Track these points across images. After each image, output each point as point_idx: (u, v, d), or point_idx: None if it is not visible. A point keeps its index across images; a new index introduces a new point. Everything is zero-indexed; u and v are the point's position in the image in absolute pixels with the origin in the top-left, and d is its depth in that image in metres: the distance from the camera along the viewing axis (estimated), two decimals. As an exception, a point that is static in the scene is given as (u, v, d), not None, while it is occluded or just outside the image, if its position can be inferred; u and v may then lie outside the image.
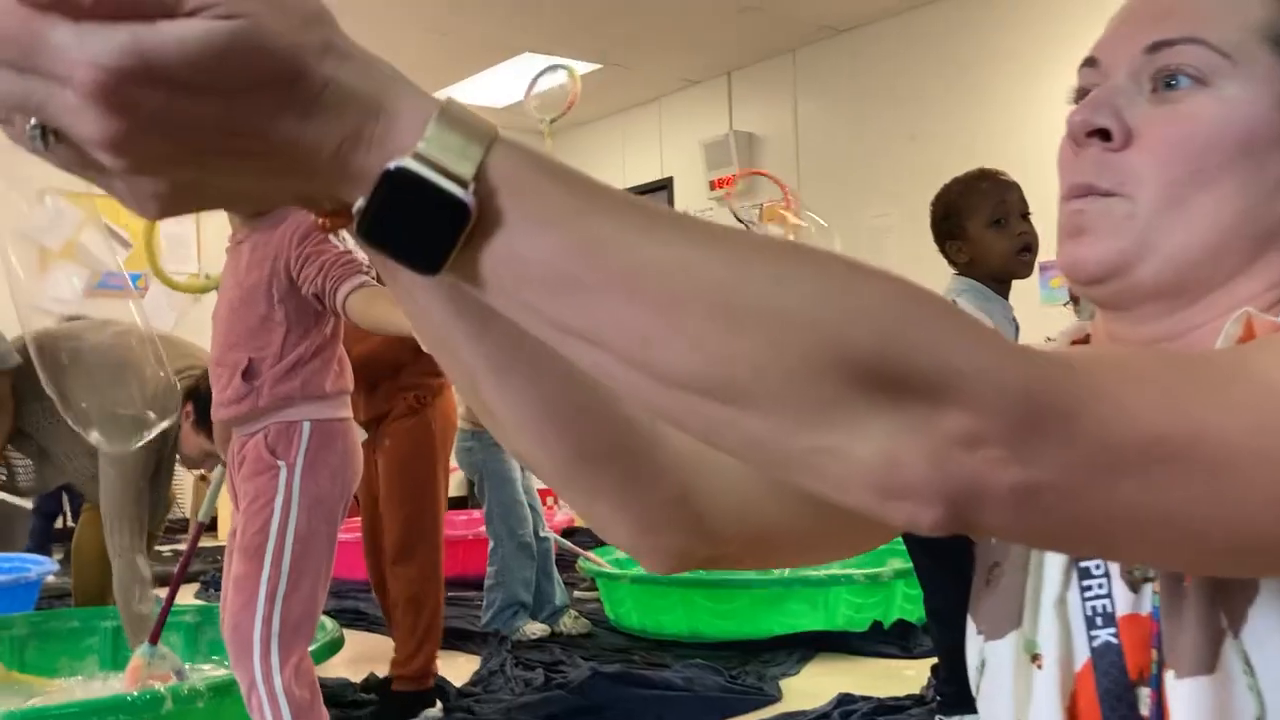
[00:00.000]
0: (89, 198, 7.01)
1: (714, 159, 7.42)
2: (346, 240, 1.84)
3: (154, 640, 2.55)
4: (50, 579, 4.50)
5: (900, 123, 6.43)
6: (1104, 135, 0.62)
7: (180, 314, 7.30)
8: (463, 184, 0.40)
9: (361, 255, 1.82)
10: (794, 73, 7.09)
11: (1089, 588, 0.61)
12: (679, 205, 7.87)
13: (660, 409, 0.43)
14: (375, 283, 1.81)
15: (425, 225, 0.40)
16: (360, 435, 2.06)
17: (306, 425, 1.86)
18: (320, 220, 0.44)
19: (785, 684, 3.02)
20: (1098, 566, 0.61)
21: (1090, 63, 0.66)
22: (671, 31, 6.67)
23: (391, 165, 0.40)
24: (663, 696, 2.83)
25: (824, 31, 6.74)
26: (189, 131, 0.38)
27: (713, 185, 7.49)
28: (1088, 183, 0.63)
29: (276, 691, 1.78)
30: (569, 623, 3.73)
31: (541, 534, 3.79)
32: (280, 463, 1.84)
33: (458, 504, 5.32)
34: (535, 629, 3.64)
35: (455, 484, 5.26)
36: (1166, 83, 0.62)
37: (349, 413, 1.96)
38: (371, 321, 1.78)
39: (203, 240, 7.26)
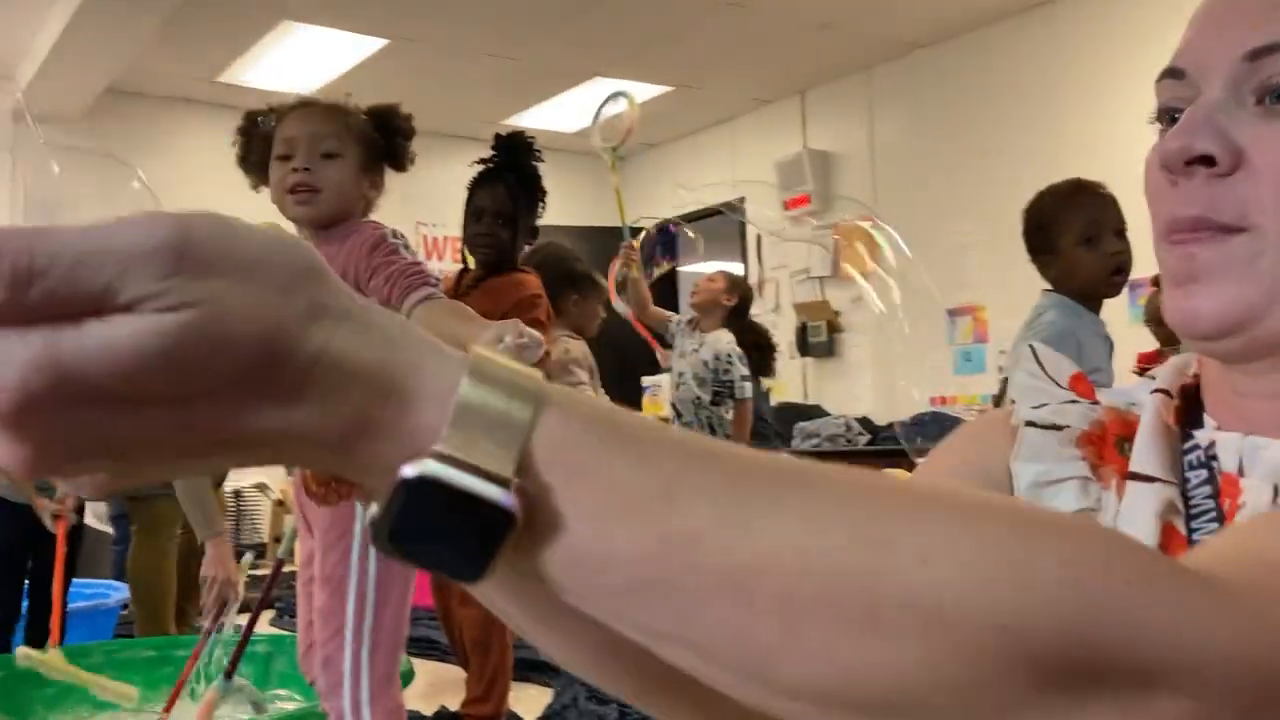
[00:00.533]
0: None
1: (787, 178, 7.33)
2: (418, 251, 1.82)
3: (229, 675, 2.52)
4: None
5: (979, 138, 6.29)
6: (1208, 162, 0.53)
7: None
8: (503, 483, 0.31)
9: (431, 268, 1.80)
10: (869, 90, 6.98)
11: None
12: (750, 226, 7.79)
13: (782, 717, 0.34)
14: (442, 295, 1.77)
15: (458, 535, 0.32)
16: None
17: None
18: (313, 487, 0.36)
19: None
20: None
21: (1174, 74, 0.57)
22: (743, 52, 6.61)
23: (409, 473, 0.31)
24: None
25: (900, 48, 6.62)
26: (130, 443, 0.30)
27: (786, 205, 7.39)
28: (1198, 215, 0.54)
29: None
30: None
31: None
32: (355, 488, 1.80)
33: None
34: None
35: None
36: (1278, 95, 0.52)
37: None
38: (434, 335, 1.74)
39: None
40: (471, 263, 2.86)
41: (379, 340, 0.32)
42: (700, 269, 5.72)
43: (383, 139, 1.91)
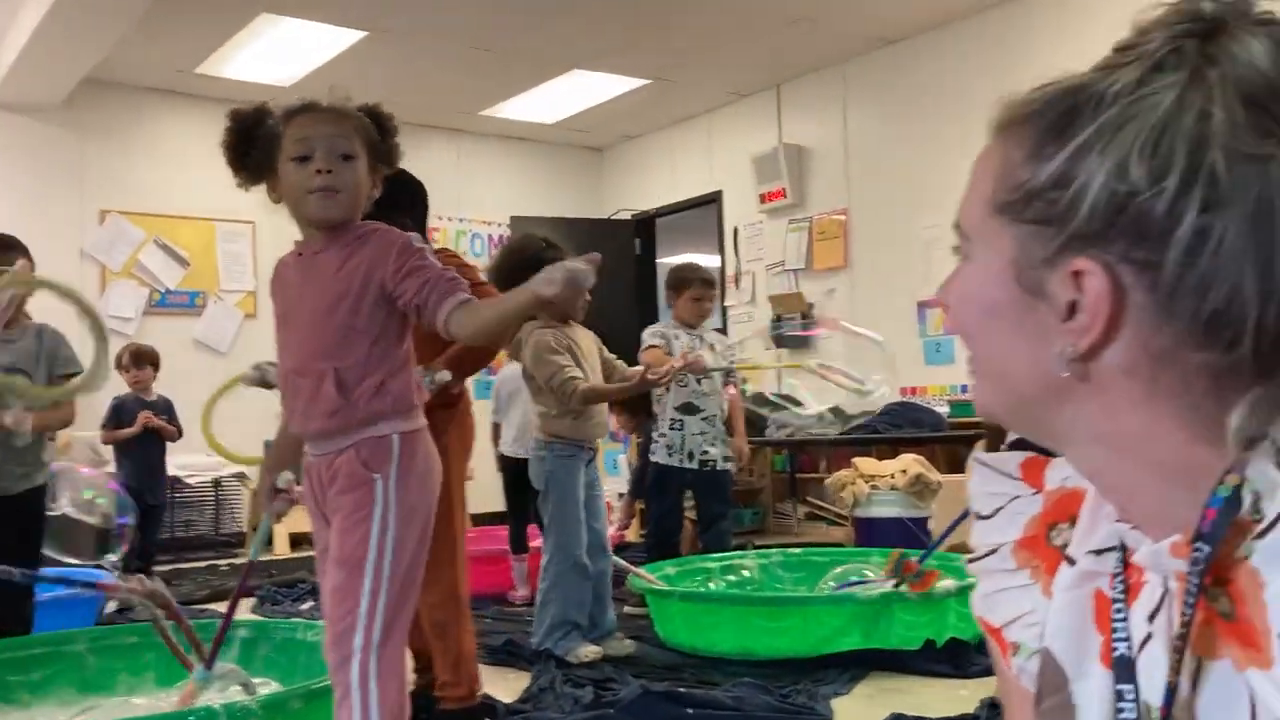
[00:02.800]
0: (150, 218, 7.17)
1: (763, 172, 7.41)
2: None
3: (209, 665, 2.55)
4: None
5: (951, 133, 6.37)
6: None
7: (238, 330, 7.43)
8: None
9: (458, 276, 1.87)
10: (844, 84, 7.07)
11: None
12: (729, 219, 7.87)
13: None
14: (473, 298, 1.84)
15: None
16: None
17: (396, 438, 1.87)
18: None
19: (836, 704, 2.98)
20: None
21: None
22: (720, 46, 6.68)
23: None
24: (711, 717, 2.82)
25: (874, 43, 6.70)
26: None
27: (762, 199, 7.48)
28: None
29: (371, 701, 1.80)
30: (614, 646, 3.66)
31: (602, 558, 3.68)
32: (376, 475, 1.85)
33: (498, 519, 5.32)
34: (588, 651, 3.53)
35: (496, 499, 5.27)
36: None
37: (425, 421, 1.95)
38: (473, 331, 1.82)
39: (259, 258, 7.37)
40: None
41: None
42: (676, 260, 5.77)
43: (380, 139, 1.96)
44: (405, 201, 2.85)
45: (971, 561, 0.78)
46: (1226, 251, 0.56)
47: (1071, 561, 0.69)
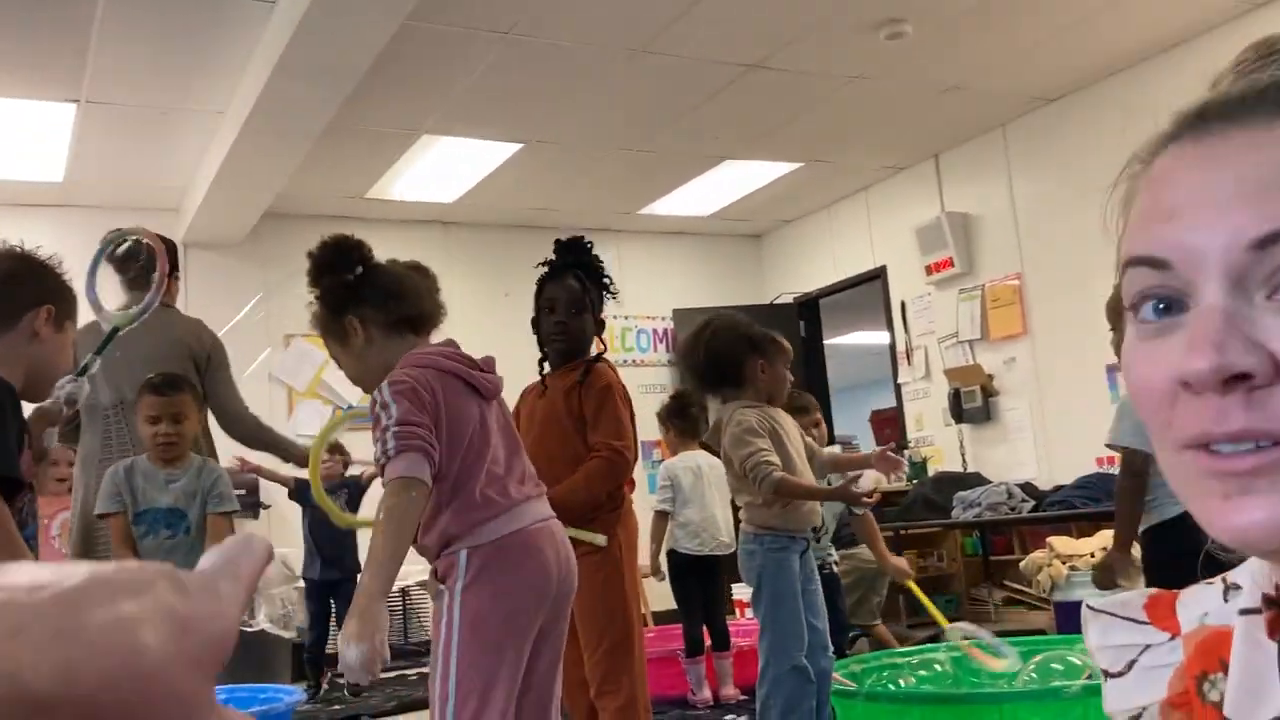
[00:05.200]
0: (330, 338, 7.50)
1: (928, 243, 7.20)
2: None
3: None
4: (303, 708, 4.64)
5: (1127, 186, 6.05)
6: (1244, 377, 0.49)
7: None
8: None
9: (418, 428, 1.91)
10: (1005, 147, 6.83)
11: None
12: (895, 293, 7.67)
13: None
14: (421, 479, 1.88)
15: None
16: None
17: (463, 554, 1.94)
18: None
19: (1048, 813, 2.72)
20: None
21: (1154, 264, 0.53)
22: (871, 121, 6.57)
23: None
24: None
25: (1033, 103, 6.47)
26: None
27: (929, 270, 7.25)
28: (1243, 429, 0.49)
29: None
30: None
31: (823, 657, 3.28)
32: (443, 589, 1.95)
33: (669, 618, 5.19)
34: None
35: (665, 599, 5.14)
36: None
37: (518, 524, 1.98)
38: (384, 510, 1.86)
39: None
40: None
41: None
42: (842, 341, 5.62)
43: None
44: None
45: None
46: None
47: None
